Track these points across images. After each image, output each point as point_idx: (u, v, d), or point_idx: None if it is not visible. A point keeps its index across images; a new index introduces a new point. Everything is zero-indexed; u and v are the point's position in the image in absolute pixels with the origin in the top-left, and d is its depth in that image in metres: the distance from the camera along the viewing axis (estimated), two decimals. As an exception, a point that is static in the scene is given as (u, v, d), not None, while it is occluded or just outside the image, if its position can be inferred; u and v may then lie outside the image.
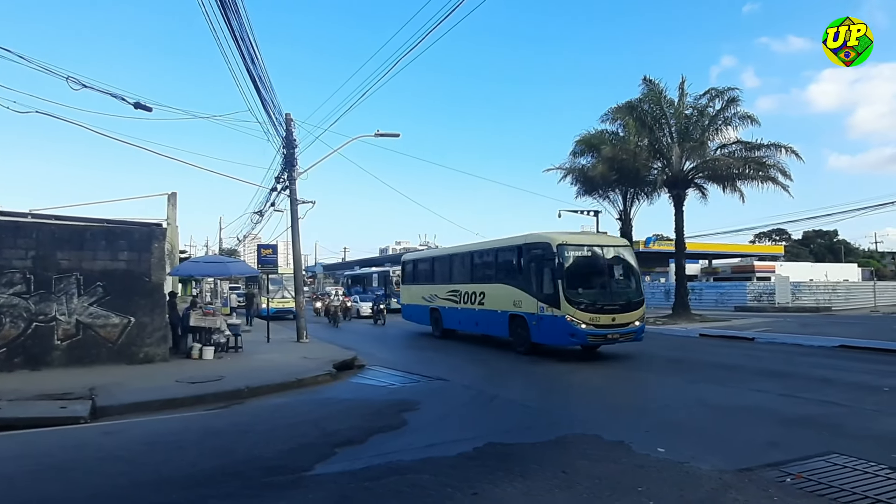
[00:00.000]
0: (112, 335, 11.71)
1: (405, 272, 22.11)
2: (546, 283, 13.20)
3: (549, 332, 13.19)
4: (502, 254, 15.52)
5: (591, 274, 13.52)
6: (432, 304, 19.02)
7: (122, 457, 5.99)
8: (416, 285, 20.85)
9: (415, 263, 21.62)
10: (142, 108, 12.45)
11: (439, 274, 19.20)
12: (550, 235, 13.53)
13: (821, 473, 5.11)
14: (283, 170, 18.53)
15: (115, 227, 12.23)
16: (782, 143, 23.55)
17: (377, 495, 4.66)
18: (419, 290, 20.31)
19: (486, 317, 15.82)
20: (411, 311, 21.19)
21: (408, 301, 21.55)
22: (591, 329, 12.54)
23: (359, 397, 9.45)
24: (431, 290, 19.20)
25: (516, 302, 14.25)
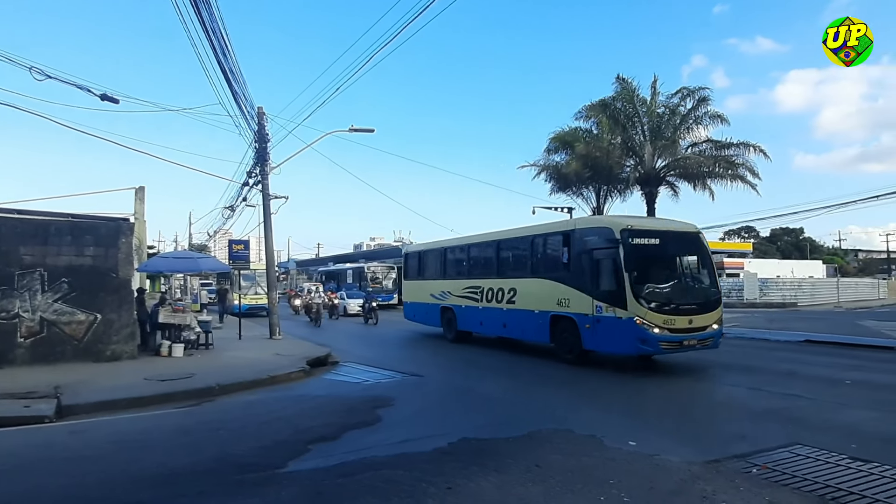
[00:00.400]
0: (78, 332, 11.42)
1: (408, 265, 19.84)
2: (606, 277, 10.94)
3: (609, 338, 10.85)
4: (542, 243, 13.20)
5: (663, 266, 11.41)
6: (444, 302, 16.69)
7: (89, 456, 5.86)
8: (422, 280, 18.42)
9: (421, 256, 19.10)
10: (109, 99, 12.16)
11: (453, 267, 16.94)
12: (612, 220, 11.75)
13: (785, 464, 5.25)
14: (254, 164, 18.27)
15: (80, 222, 11.94)
16: (751, 143, 24.00)
17: (351, 491, 4.64)
18: (426, 286, 17.95)
19: (518, 318, 13.45)
20: (415, 310, 18.93)
21: (411, 298, 19.29)
22: (664, 334, 10.26)
23: (332, 394, 9.39)
24: (443, 286, 16.87)
25: (562, 300, 11.92)
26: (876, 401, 8.08)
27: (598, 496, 4.44)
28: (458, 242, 17.12)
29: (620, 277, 10.46)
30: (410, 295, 19.44)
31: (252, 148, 17.65)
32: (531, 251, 13.52)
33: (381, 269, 38.48)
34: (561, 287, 12.01)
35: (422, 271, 18.75)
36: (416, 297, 18.84)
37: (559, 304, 12.02)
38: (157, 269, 17.84)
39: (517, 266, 14.15)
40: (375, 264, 39.85)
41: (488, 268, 15.15)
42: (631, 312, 10.28)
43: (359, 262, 44.07)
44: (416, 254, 19.52)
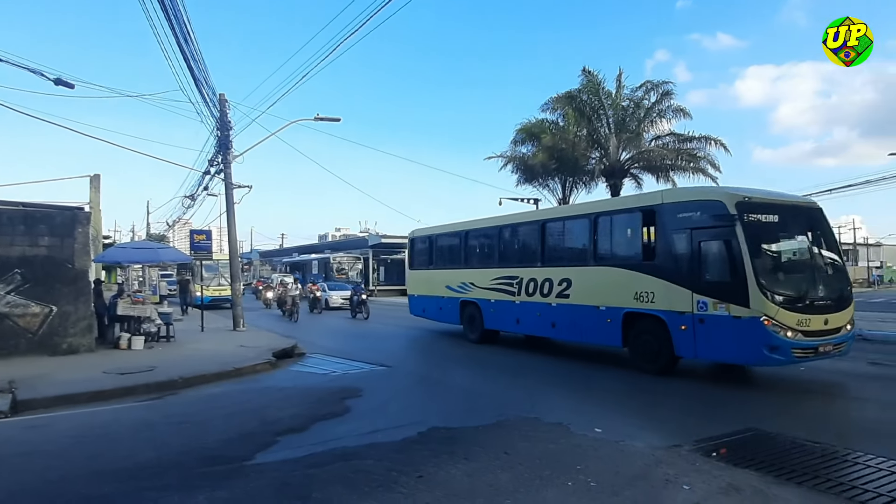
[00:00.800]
0: (32, 325, 11.03)
1: (415, 253, 17.23)
2: (716, 264, 8.74)
3: (719, 343, 8.56)
4: (611, 222, 10.68)
5: (790, 251, 9.24)
6: (465, 295, 14.28)
7: (49, 451, 5.69)
8: (434, 270, 16.00)
9: (433, 241, 16.43)
10: (63, 84, 11.70)
11: (479, 254, 14.57)
12: (721, 191, 9.48)
13: (742, 447, 5.46)
14: (216, 153, 17.88)
15: (34, 211, 11.49)
16: (712, 136, 24.59)
17: (321, 481, 4.63)
18: (440, 276, 15.54)
19: (574, 315, 11.02)
20: (425, 305, 16.45)
21: (419, 291, 16.77)
22: (798, 339, 8.08)
23: (300, 385, 9.31)
24: (464, 276, 14.41)
25: (642, 294, 9.57)
26: (826, 384, 8.43)
27: (565, 481, 4.54)
28: (487, 224, 14.38)
29: (739, 265, 8.23)
30: (418, 287, 16.90)
31: (214, 136, 17.27)
32: (594, 233, 10.90)
33: (348, 259, 38.25)
34: (641, 277, 9.66)
35: (434, 259, 16.26)
36: (425, 290, 16.36)
37: (638, 298, 9.67)
38: (116, 259, 17.34)
39: (573, 251, 11.79)
40: (341, 255, 39.58)
41: (529, 254, 12.75)
42: (755, 310, 8.02)
43: (324, 252, 43.70)
44: (427, 239, 16.72)
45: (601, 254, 10.86)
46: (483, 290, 13.66)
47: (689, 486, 4.40)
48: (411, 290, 17.45)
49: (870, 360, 10.45)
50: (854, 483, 4.46)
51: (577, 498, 4.22)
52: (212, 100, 16.03)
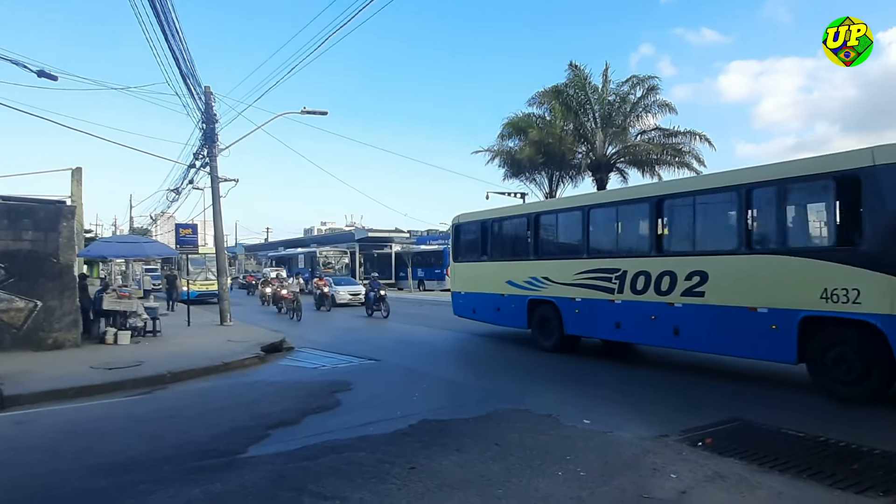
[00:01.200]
0: (17, 320, 10.91)
1: (461, 242, 14.73)
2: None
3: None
4: (781, 193, 8.04)
5: None
6: (536, 292, 11.71)
7: (38, 446, 5.68)
8: (489, 263, 13.47)
9: (487, 227, 13.68)
10: (46, 76, 11.54)
11: (557, 241, 12.11)
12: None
13: (727, 437, 5.59)
14: (202, 146, 17.73)
15: (18, 205, 11.35)
16: (697, 131, 24.87)
17: (315, 474, 4.67)
18: (499, 269, 13.01)
19: (712, 319, 8.56)
20: (475, 304, 13.88)
21: (467, 288, 14.21)
22: None
23: (290, 379, 9.33)
24: (535, 269, 11.85)
25: (836, 292, 7.08)
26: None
27: (556, 471, 4.63)
28: (569, 205, 11.98)
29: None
30: (466, 283, 14.38)
31: (200, 129, 17.12)
32: (747, 209, 8.32)
33: (334, 253, 38.17)
34: (834, 269, 7.14)
35: (489, 249, 13.63)
36: (475, 286, 13.85)
37: (829, 297, 7.14)
38: (101, 253, 17.15)
39: (710, 235, 9.18)
40: (328, 249, 39.49)
41: (636, 240, 10.34)
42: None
43: (310, 246, 43.54)
44: (478, 225, 14.00)
45: (761, 237, 8.38)
46: (564, 286, 11.07)
47: (676, 475, 4.51)
48: (456, 286, 14.86)
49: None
50: (836, 470, 4.59)
51: (567, 487, 4.31)
52: (197, 92, 15.89)
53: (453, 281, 15.29)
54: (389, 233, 44.50)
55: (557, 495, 4.16)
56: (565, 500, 4.07)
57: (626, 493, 4.20)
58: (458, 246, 14.91)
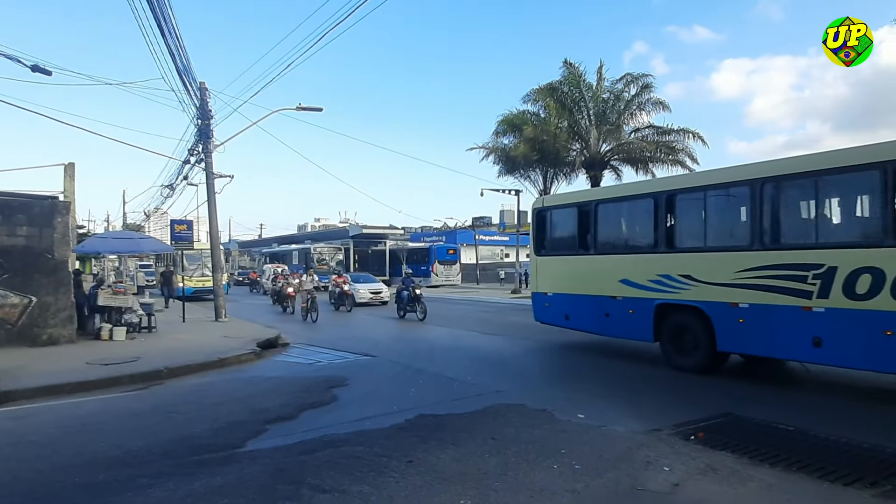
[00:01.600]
0: (11, 316, 10.90)
1: (547, 231, 11.98)
2: None
3: None
4: None
5: None
6: (671, 294, 9.18)
7: (37, 441, 5.70)
8: (590, 256, 10.68)
9: (587, 212, 10.81)
10: (40, 71, 11.48)
11: (699, 227, 9.25)
12: None
13: (719, 431, 5.69)
14: (197, 141, 17.68)
15: (12, 201, 11.31)
16: (690, 129, 25.02)
17: (313, 467, 4.73)
18: (606, 265, 10.35)
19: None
20: (570, 308, 11.12)
21: (556, 287, 11.52)
22: None
23: (286, 375, 9.37)
24: (667, 264, 9.31)
25: None
26: (807, 370, 8.75)
27: (551, 464, 4.71)
28: (727, 178, 8.73)
29: None
30: (555, 282, 11.61)
31: (195, 124, 17.07)
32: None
33: (329, 250, 38.15)
34: None
35: (590, 239, 10.76)
36: (570, 286, 11.15)
37: None
38: (97, 249, 17.09)
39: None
40: (322, 245, 39.45)
41: (854, 223, 7.68)
42: None
43: (305, 243, 43.47)
44: (574, 210, 11.17)
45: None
46: (718, 287, 8.46)
47: (669, 468, 4.60)
48: (540, 285, 11.98)
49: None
50: (824, 463, 4.69)
51: (563, 480, 4.38)
52: (193, 88, 15.84)
53: (535, 280, 12.32)
54: (384, 229, 44.48)
55: (553, 488, 4.23)
56: (561, 493, 4.14)
57: (621, 486, 4.29)
58: (542, 236, 12.09)
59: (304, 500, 4.07)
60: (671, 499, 4.07)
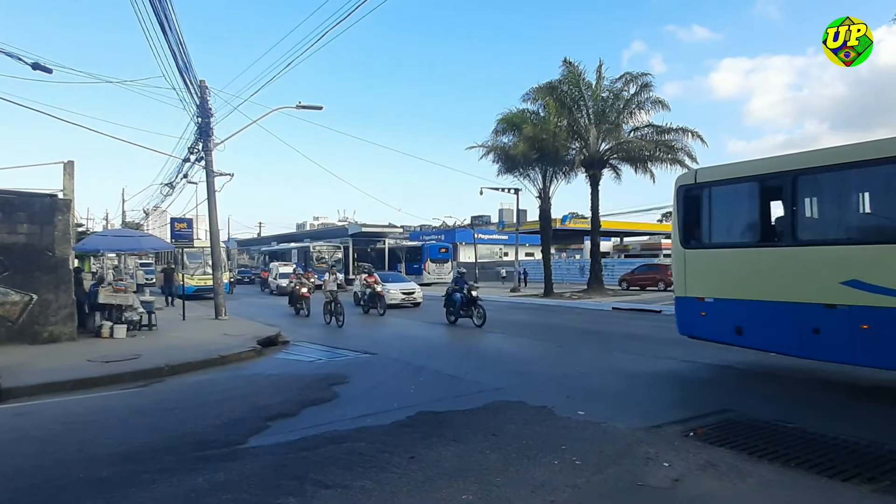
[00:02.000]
0: (12, 313, 10.91)
1: (705, 216, 9.05)
2: None
3: None
4: None
5: None
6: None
7: (40, 437, 5.72)
8: (780, 249, 7.94)
9: (776, 187, 8.13)
10: (41, 69, 11.48)
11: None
12: None
13: (719, 427, 5.73)
14: (197, 140, 17.69)
15: (12, 198, 11.31)
16: (689, 128, 25.04)
17: (315, 463, 4.76)
18: (818, 261, 7.38)
19: None
20: (746, 318, 8.26)
21: (719, 291, 8.71)
22: None
23: (286, 372, 9.39)
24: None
25: None
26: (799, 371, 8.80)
27: (552, 460, 4.74)
28: None
29: None
30: (718, 284, 8.77)
31: (195, 122, 17.07)
32: None
33: (328, 248, 38.17)
34: None
35: (781, 225, 8.12)
36: (744, 290, 8.31)
37: None
38: (97, 247, 17.09)
39: None
40: (321, 244, 39.46)
41: None
42: None
43: (304, 241, 43.48)
44: (753, 184, 8.42)
45: None
46: None
47: (669, 464, 4.63)
48: (691, 288, 9.14)
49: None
50: (823, 459, 4.73)
51: (563, 475, 4.41)
52: (194, 86, 15.85)
53: (681, 281, 9.31)
54: (383, 228, 44.49)
55: (554, 483, 4.26)
56: (562, 488, 4.17)
57: (621, 481, 4.32)
58: (695, 221, 9.21)
59: (307, 495, 4.10)
60: (671, 494, 4.10)
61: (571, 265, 41.99)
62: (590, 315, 18.85)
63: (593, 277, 27.42)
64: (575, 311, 19.71)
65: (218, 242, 17.86)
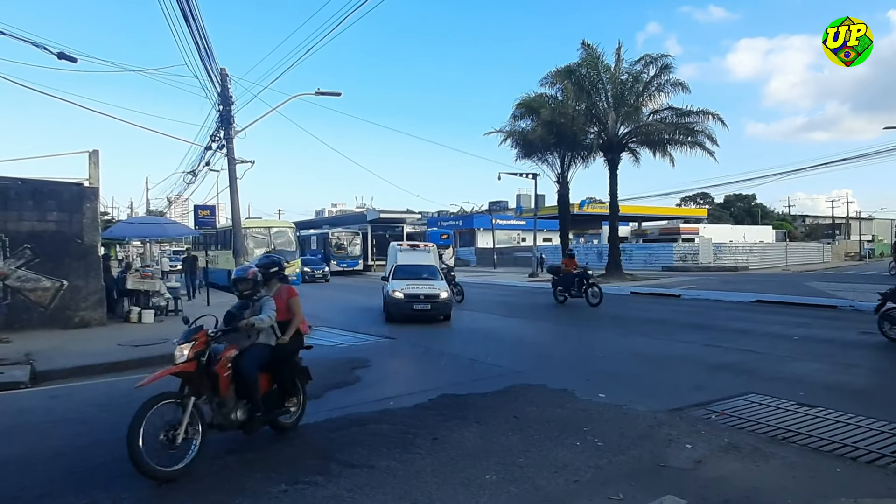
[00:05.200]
0: (44, 299, 11.22)
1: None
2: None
3: None
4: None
5: None
6: None
7: (75, 419, 5.92)
8: None
9: None
10: (66, 58, 11.63)
11: None
12: None
13: (740, 410, 5.73)
14: (218, 128, 17.84)
15: (42, 187, 11.58)
16: (710, 111, 24.68)
17: (340, 444, 4.88)
18: None
19: None
20: None
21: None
22: None
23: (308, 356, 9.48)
24: None
25: None
26: (820, 354, 8.73)
27: (574, 441, 4.81)
28: None
29: None
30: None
31: (216, 110, 17.21)
32: None
33: (346, 235, 38.35)
34: None
35: None
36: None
37: None
38: (124, 234, 17.44)
39: None
40: (340, 230, 39.64)
41: None
42: None
43: (322, 228, 43.75)
44: None
45: None
46: None
47: (691, 445, 4.67)
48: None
49: (860, 329, 10.75)
50: (846, 442, 4.72)
51: (586, 456, 4.48)
52: (215, 74, 15.97)
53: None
54: (401, 214, 44.54)
55: (576, 464, 4.32)
56: (585, 469, 4.23)
57: (643, 462, 4.37)
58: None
59: (333, 473, 4.21)
60: (694, 475, 4.14)
61: (589, 250, 41.80)
62: (608, 299, 18.74)
63: (612, 262, 27.29)
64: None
65: (240, 229, 18.06)
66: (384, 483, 4.03)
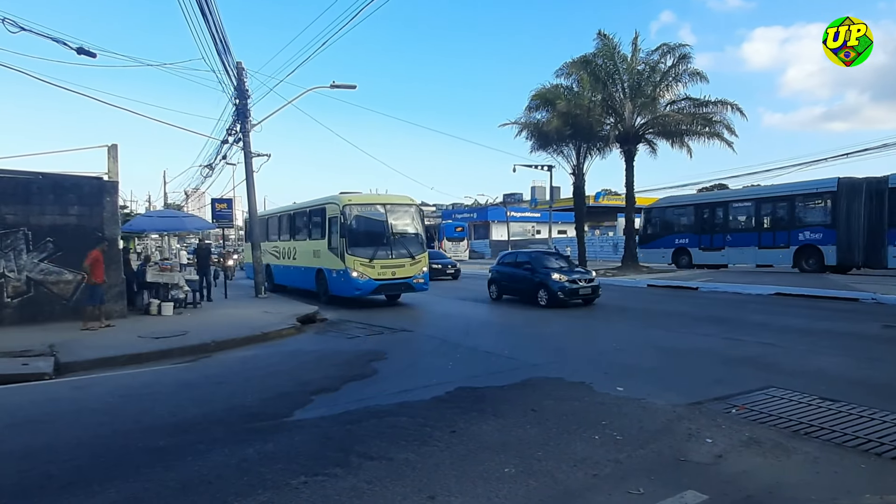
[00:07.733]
0: (66, 292, 11.41)
1: None
2: None
3: None
4: None
5: None
6: None
7: (98, 409, 6.03)
8: None
9: None
10: (86, 53, 11.80)
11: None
12: None
13: (761, 404, 5.66)
14: (235, 121, 17.97)
15: (63, 181, 11.75)
16: (728, 101, 24.21)
17: (359, 436, 4.90)
18: None
19: None
20: None
21: None
22: None
23: (326, 349, 9.62)
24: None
25: None
26: (842, 347, 8.60)
27: (592, 435, 4.78)
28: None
29: None
30: None
31: (233, 104, 17.33)
32: None
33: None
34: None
35: None
36: None
37: None
38: (143, 227, 17.66)
39: None
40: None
41: None
42: None
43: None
44: None
45: None
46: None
47: (712, 440, 4.62)
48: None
49: (883, 323, 10.58)
50: (870, 437, 4.65)
51: (604, 450, 4.46)
52: (231, 68, 16.06)
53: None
54: (416, 207, 44.50)
55: (595, 457, 4.31)
56: (604, 462, 4.22)
57: (663, 457, 4.33)
58: None
59: (352, 466, 4.24)
60: (715, 470, 4.10)
61: (605, 242, 41.49)
62: (625, 292, 18.67)
63: (627, 254, 27.06)
64: (609, 288, 19.47)
65: (257, 222, 18.21)
66: (403, 475, 4.05)
